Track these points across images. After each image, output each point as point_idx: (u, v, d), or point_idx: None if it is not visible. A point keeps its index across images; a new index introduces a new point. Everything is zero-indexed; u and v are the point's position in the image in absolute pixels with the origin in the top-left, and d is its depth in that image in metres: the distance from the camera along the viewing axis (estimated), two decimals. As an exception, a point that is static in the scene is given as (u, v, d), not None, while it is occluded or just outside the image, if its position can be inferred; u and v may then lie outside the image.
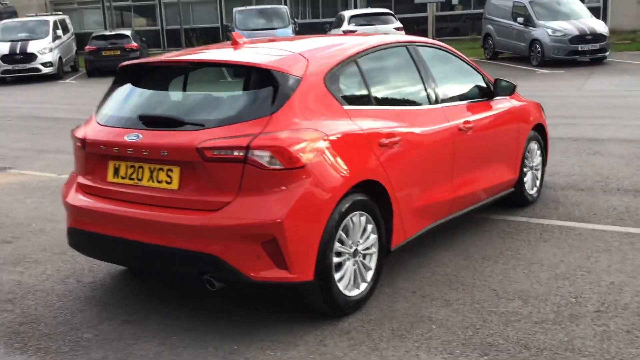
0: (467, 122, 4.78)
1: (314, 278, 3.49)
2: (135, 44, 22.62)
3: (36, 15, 24.77)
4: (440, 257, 4.71)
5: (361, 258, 3.85)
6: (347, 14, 19.81)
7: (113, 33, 23.18)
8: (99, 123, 3.87)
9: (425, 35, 25.18)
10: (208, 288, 3.53)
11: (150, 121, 3.64)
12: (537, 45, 17.72)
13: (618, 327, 3.56)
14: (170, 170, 3.52)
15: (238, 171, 3.35)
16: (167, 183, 3.54)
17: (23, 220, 6.05)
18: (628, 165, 7.20)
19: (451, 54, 5.15)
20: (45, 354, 3.47)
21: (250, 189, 3.37)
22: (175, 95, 3.80)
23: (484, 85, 5.32)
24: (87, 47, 22.50)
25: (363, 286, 3.86)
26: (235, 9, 21.73)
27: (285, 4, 29.96)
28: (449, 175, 4.63)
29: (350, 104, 3.89)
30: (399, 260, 4.60)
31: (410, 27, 27.50)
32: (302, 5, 30.61)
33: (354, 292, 3.80)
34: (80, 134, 3.91)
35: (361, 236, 3.83)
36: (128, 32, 23.31)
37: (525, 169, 5.81)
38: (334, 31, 20.19)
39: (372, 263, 3.94)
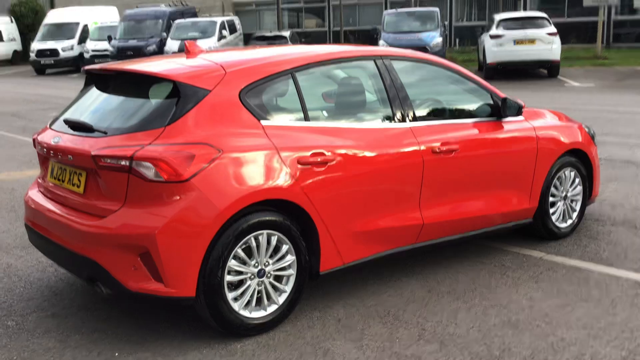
0: (446, 142, 4.39)
1: (196, 295, 3.44)
2: (291, 45, 23.41)
3: (209, 16, 26.61)
4: (402, 285, 4.40)
5: (271, 279, 3.71)
6: (497, 17, 18.89)
7: (272, 34, 24.19)
8: (49, 124, 4.12)
9: (592, 41, 23.31)
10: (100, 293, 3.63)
11: (72, 126, 3.81)
12: None
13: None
14: (80, 174, 3.66)
15: (124, 181, 3.40)
16: (77, 187, 3.68)
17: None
18: None
19: (449, 70, 4.75)
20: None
21: (134, 200, 3.40)
22: (101, 101, 3.93)
23: (492, 103, 4.85)
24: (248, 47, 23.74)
25: (271, 308, 3.73)
26: (385, 12, 21.67)
27: (451, 5, 29.32)
28: (415, 200, 4.30)
29: (273, 119, 3.76)
30: (351, 283, 4.38)
31: (580, 32, 25.67)
32: (467, 7, 29.73)
33: (257, 314, 3.68)
34: (35, 134, 4.19)
35: (271, 257, 3.69)
36: (286, 34, 24.20)
37: (552, 199, 5.21)
38: (483, 35, 19.40)
39: (288, 285, 3.79)
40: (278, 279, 3.76)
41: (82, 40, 28.38)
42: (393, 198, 4.19)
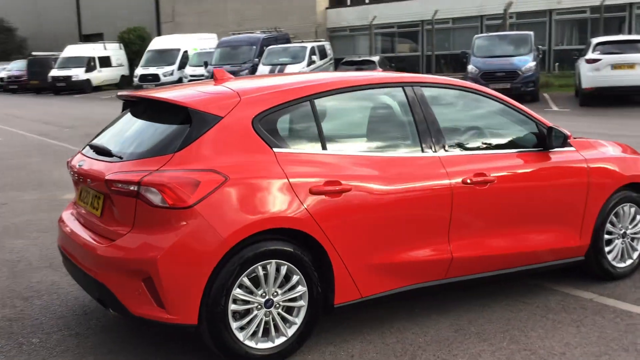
0: (479, 174, 4.17)
1: (198, 322, 3.40)
2: (380, 70, 23.38)
3: (302, 42, 27.08)
4: (430, 323, 4.18)
5: (280, 310, 3.63)
6: (594, 40, 18.06)
7: (360, 59, 24.28)
8: (81, 150, 4.25)
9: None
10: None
11: (96, 150, 3.90)
12: None
13: None
14: (99, 198, 3.74)
15: (133, 206, 3.43)
16: (96, 210, 3.76)
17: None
18: None
19: (487, 96, 4.52)
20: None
21: (141, 225, 3.43)
22: (126, 127, 4.00)
23: (538, 133, 4.57)
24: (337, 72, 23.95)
25: (280, 340, 3.63)
26: (475, 36, 21.23)
27: (550, 29, 28.38)
28: (443, 233, 4.09)
29: (287, 147, 3.69)
30: (376, 317, 4.22)
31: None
32: (568, 30, 28.64)
33: (264, 345, 3.59)
34: (70, 157, 4.33)
35: (280, 287, 3.61)
36: (375, 58, 24.22)
37: (608, 236, 4.83)
38: (580, 60, 18.58)
39: (298, 317, 3.68)
40: (288, 310, 3.66)
41: (182, 65, 29.64)
42: (418, 230, 4.01)
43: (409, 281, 4.05)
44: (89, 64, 34.79)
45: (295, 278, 3.63)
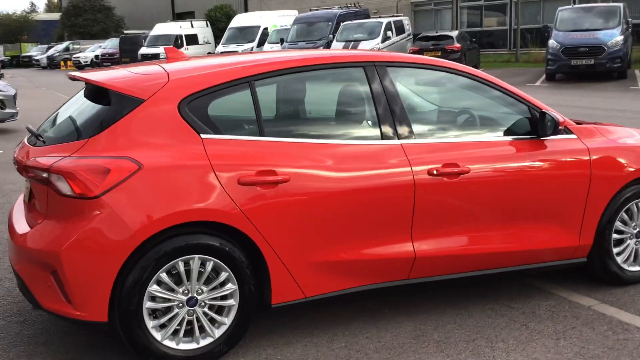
0: (450, 164, 3.71)
1: (109, 320, 3.19)
2: (458, 45, 22.47)
3: (379, 17, 26.42)
4: (391, 327, 3.80)
5: (206, 309, 3.36)
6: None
7: (437, 34, 23.39)
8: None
9: None
10: None
11: (31, 135, 3.74)
12: None
13: None
14: (27, 185, 3.59)
15: (45, 193, 3.25)
16: (26, 197, 3.61)
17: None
18: None
19: (470, 77, 4.00)
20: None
21: (52, 214, 3.24)
22: (67, 109, 3.80)
23: (531, 118, 4.03)
24: (411, 47, 23.20)
25: (205, 341, 3.37)
26: (559, 9, 19.88)
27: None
28: (405, 230, 3.67)
29: (217, 132, 3.38)
30: (332, 318, 3.88)
31: None
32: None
33: (188, 346, 3.34)
34: None
35: (207, 284, 3.34)
36: (453, 34, 23.26)
37: (618, 236, 4.24)
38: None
39: (228, 317, 3.40)
40: (218, 310, 3.39)
41: (262, 43, 29.68)
42: (374, 226, 3.62)
43: (365, 281, 3.68)
44: (176, 42, 35.51)
45: (224, 275, 3.35)
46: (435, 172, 3.67)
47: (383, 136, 3.69)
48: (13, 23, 69.84)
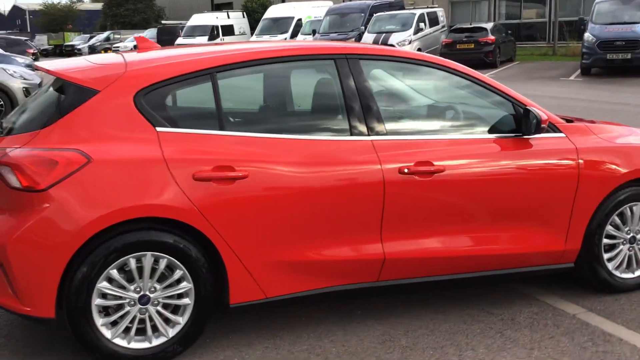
0: (424, 162, 3.54)
1: (57, 316, 3.12)
2: (492, 37, 21.97)
3: (413, 8, 26.03)
4: (360, 330, 3.66)
5: (160, 307, 3.27)
6: None
7: (471, 26, 22.92)
8: None
9: None
10: None
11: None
12: None
13: None
14: (-10, 175, 3.54)
15: (-2, 186, 3.20)
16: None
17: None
18: None
19: (450, 71, 3.80)
20: None
21: (3, 207, 3.19)
22: (31, 100, 3.74)
23: (516, 115, 3.82)
24: (444, 39, 22.79)
25: (158, 340, 3.27)
26: (597, 1, 19.21)
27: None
28: (374, 230, 3.52)
29: (174, 126, 3.28)
30: (297, 319, 3.75)
31: None
32: None
33: (140, 345, 3.25)
34: None
35: (160, 282, 3.25)
36: (487, 25, 22.76)
37: (609, 241, 4.02)
38: None
39: (183, 316, 3.30)
40: (171, 308, 3.30)
41: (295, 34, 29.55)
42: (340, 225, 3.47)
43: (332, 282, 3.55)
44: (212, 33, 35.65)
45: (178, 273, 3.25)
46: (406, 170, 3.51)
47: (352, 132, 3.53)
48: (58, 12, 71.15)
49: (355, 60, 3.63)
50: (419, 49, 22.99)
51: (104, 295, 3.16)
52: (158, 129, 3.24)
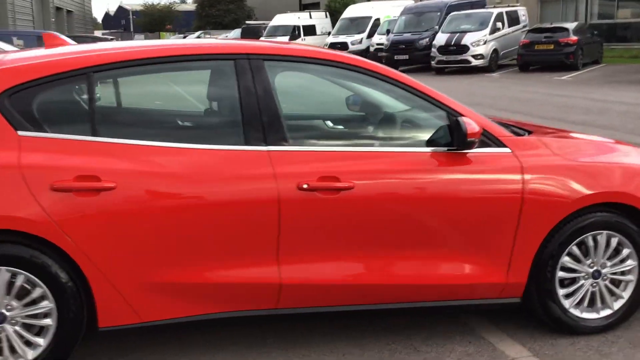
0: (329, 178, 3.10)
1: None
2: (574, 38, 20.64)
3: (494, 6, 24.94)
4: (275, 354, 3.27)
5: (18, 327, 3.01)
6: None
7: (552, 25, 21.64)
8: None
9: None
10: None
11: None
12: None
13: None
14: None
15: None
16: None
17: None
18: None
19: (377, 75, 3.31)
20: None
21: None
22: None
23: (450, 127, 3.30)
24: (522, 40, 21.66)
25: (18, 364, 3.03)
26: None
27: None
28: (270, 252, 3.11)
29: (40, 129, 3.00)
30: (206, 346, 3.40)
31: None
32: None
33: (1, 365, 3.02)
34: None
35: (19, 299, 2.98)
36: (570, 25, 21.41)
37: (567, 274, 3.43)
38: None
39: (45, 338, 3.03)
40: (36, 329, 3.03)
41: (372, 34, 29.09)
42: (227, 246, 3.09)
43: (222, 307, 3.18)
44: (294, 33, 35.75)
45: (37, 291, 2.98)
46: (305, 186, 3.08)
47: (247, 141, 3.14)
48: (157, 13, 74.01)
49: (258, 61, 3.23)
50: (495, 50, 22.02)
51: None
52: (20, 132, 2.98)
